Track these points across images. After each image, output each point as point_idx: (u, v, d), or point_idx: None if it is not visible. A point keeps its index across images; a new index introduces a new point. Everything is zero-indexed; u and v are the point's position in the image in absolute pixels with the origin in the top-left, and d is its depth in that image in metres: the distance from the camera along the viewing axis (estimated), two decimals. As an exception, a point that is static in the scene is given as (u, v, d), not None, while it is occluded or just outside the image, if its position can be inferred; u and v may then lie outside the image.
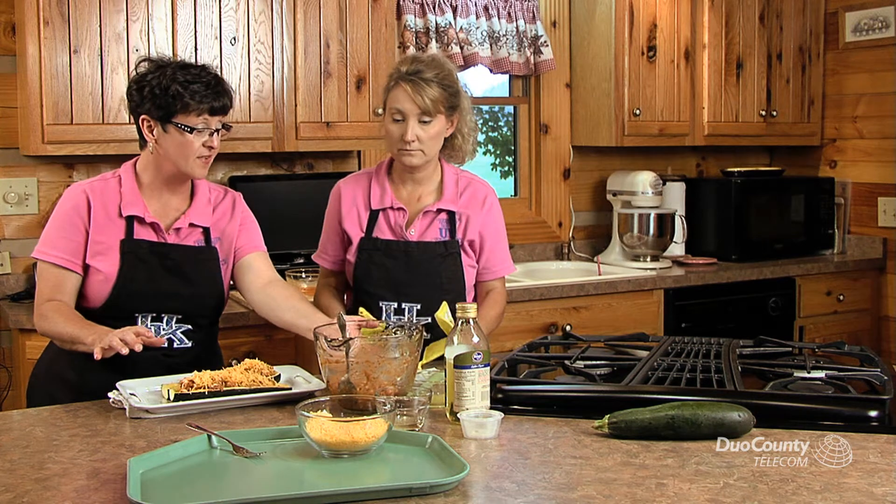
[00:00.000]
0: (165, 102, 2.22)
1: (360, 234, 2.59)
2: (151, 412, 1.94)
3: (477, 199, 2.62)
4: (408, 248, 2.55)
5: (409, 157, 2.51)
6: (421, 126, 2.49)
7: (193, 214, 2.36)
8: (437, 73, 2.48)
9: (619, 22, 4.13)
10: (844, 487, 1.52)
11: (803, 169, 4.84)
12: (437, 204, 2.58)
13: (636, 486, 1.52)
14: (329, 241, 2.69)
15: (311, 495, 1.48)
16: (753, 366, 2.17)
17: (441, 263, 2.56)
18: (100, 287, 2.26)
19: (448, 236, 2.58)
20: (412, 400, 1.88)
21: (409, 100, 2.47)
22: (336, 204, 2.67)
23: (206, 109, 2.25)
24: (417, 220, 2.57)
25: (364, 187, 2.63)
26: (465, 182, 2.63)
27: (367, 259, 2.57)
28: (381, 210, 2.59)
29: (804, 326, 4.27)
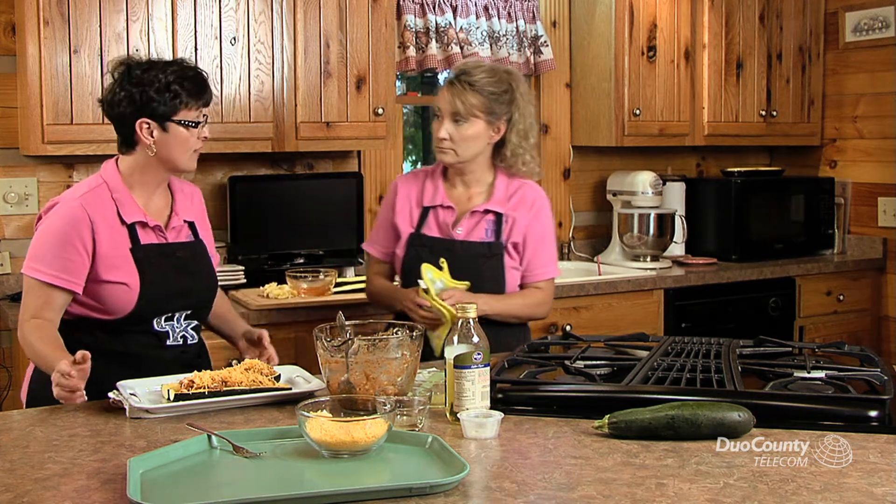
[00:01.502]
0: (167, 101, 2.22)
1: (409, 229, 2.70)
2: (151, 412, 1.94)
3: (525, 203, 2.68)
4: (453, 246, 2.64)
5: (442, 154, 2.63)
6: (455, 126, 2.59)
7: (182, 211, 2.38)
8: (484, 78, 2.58)
9: (619, 22, 4.13)
10: (844, 487, 1.52)
11: (803, 169, 4.84)
12: (484, 205, 2.66)
13: (636, 486, 1.52)
14: (381, 232, 2.79)
15: (311, 495, 1.48)
16: (753, 366, 2.17)
17: (484, 263, 2.63)
18: (124, 298, 2.24)
19: (493, 237, 2.65)
20: (412, 400, 1.88)
21: (446, 99, 2.59)
22: (391, 198, 2.77)
23: (202, 103, 2.28)
24: (465, 219, 2.66)
25: (419, 184, 2.74)
26: (517, 186, 2.70)
27: (415, 255, 2.65)
28: (432, 207, 2.69)
29: (804, 326, 4.27)
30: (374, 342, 1.97)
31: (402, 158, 4.20)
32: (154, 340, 2.30)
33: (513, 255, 2.67)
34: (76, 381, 1.95)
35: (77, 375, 1.95)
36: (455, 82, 2.59)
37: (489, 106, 2.60)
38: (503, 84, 2.63)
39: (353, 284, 3.46)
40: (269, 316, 3.22)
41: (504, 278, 2.65)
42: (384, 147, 3.74)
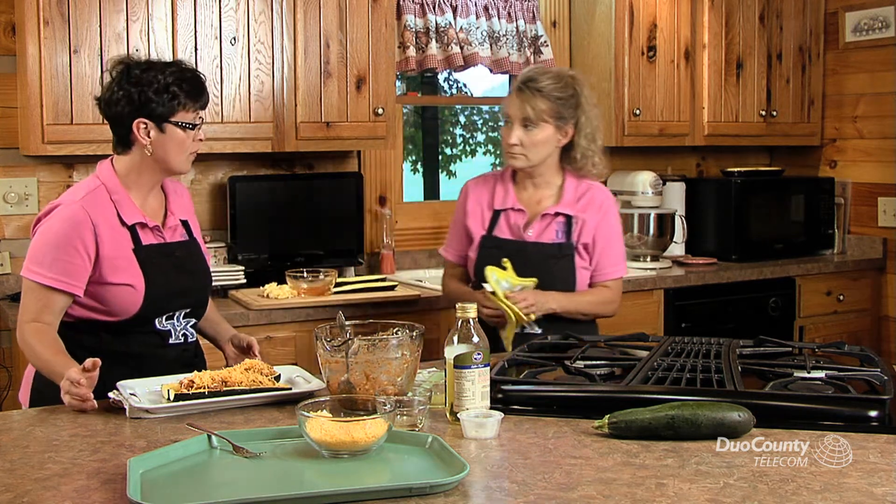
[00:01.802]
0: (164, 103, 2.22)
1: (481, 232, 2.78)
2: (151, 412, 1.94)
3: (594, 204, 2.76)
4: (524, 247, 2.72)
5: (513, 159, 2.70)
6: (525, 131, 2.67)
7: (177, 210, 2.39)
8: (550, 84, 2.64)
9: (619, 22, 4.13)
10: (844, 487, 1.52)
11: (803, 169, 4.84)
12: (555, 207, 2.74)
13: (636, 486, 1.52)
14: (455, 235, 2.89)
15: (311, 495, 1.48)
16: (753, 366, 2.17)
17: (555, 264, 2.71)
18: (130, 299, 2.24)
19: (564, 238, 2.73)
20: (412, 400, 1.88)
21: (515, 105, 2.66)
22: (463, 202, 2.86)
23: (200, 105, 2.28)
24: (536, 221, 2.75)
25: (489, 188, 2.82)
26: (585, 188, 2.78)
27: (486, 256, 2.72)
28: (503, 210, 2.77)
29: (804, 326, 4.27)
30: (374, 342, 1.97)
31: (402, 158, 4.20)
32: (157, 340, 2.31)
33: (583, 255, 2.74)
34: (86, 390, 1.95)
35: (86, 383, 1.95)
36: (524, 88, 2.66)
37: (557, 111, 2.66)
38: (569, 89, 2.69)
39: (353, 284, 3.46)
40: (269, 316, 3.22)
41: (574, 278, 2.73)
42: (384, 147, 3.74)
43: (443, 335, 3.31)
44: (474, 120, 4.93)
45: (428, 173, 4.74)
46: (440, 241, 4.17)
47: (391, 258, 3.94)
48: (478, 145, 4.90)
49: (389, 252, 3.94)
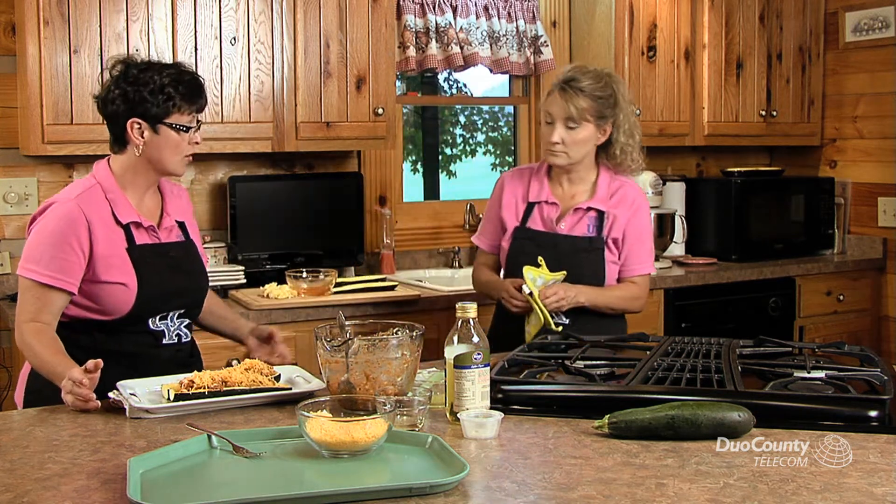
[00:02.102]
0: (159, 104, 2.22)
1: (515, 223, 2.85)
2: (151, 412, 1.94)
3: (626, 201, 2.82)
4: (556, 240, 2.79)
5: (555, 157, 2.76)
6: (567, 131, 2.72)
7: (173, 211, 2.39)
8: (591, 84, 2.70)
9: (619, 22, 4.13)
10: (844, 487, 1.52)
11: (803, 169, 4.84)
12: (588, 202, 2.80)
13: (636, 486, 1.52)
14: (489, 225, 2.94)
15: (311, 495, 1.48)
16: (753, 366, 2.17)
17: (585, 257, 2.77)
18: (122, 298, 2.24)
19: (595, 233, 2.80)
20: (412, 400, 1.88)
21: (558, 105, 2.71)
22: (498, 194, 2.92)
23: (196, 108, 2.28)
24: (568, 215, 2.81)
25: (525, 181, 2.88)
26: (618, 184, 2.84)
27: (519, 247, 2.81)
28: (537, 203, 2.83)
29: (804, 326, 4.27)
30: (374, 342, 1.97)
31: (402, 158, 4.20)
32: (151, 340, 2.30)
33: (612, 249, 2.80)
34: (88, 391, 1.95)
35: (88, 384, 1.95)
36: (566, 88, 2.71)
37: (598, 110, 2.72)
38: (608, 88, 2.74)
39: (353, 284, 3.46)
40: (269, 316, 3.22)
41: (604, 272, 2.79)
42: (384, 147, 3.74)
43: (443, 335, 3.32)
44: (474, 120, 4.93)
45: (428, 173, 4.74)
46: (440, 241, 4.18)
47: (391, 258, 3.94)
48: (478, 145, 4.89)
49: (389, 252, 3.94)
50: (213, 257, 3.57)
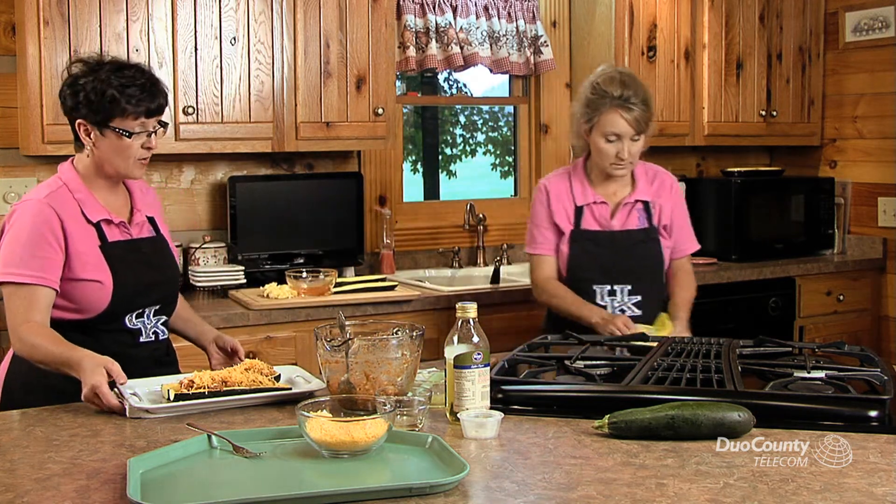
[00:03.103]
0: (102, 107, 2.19)
1: (569, 227, 2.94)
2: (151, 412, 1.94)
3: (665, 187, 3.00)
4: (613, 237, 2.92)
5: (621, 170, 2.89)
6: (633, 143, 2.85)
7: (142, 206, 2.39)
8: (642, 98, 2.83)
9: (619, 22, 4.13)
10: (844, 487, 1.52)
11: (803, 169, 4.84)
12: (633, 195, 2.94)
13: (636, 486, 1.52)
14: (544, 231, 2.98)
15: (311, 495, 1.48)
16: (753, 366, 2.17)
17: (643, 248, 2.92)
18: (98, 296, 2.23)
19: (646, 223, 2.95)
20: (412, 400, 1.88)
21: (625, 124, 2.82)
22: (545, 199, 2.99)
23: (143, 112, 2.22)
24: (618, 211, 2.93)
25: (566, 185, 2.97)
26: (653, 173, 3.02)
27: (580, 249, 2.92)
28: (586, 205, 2.93)
29: (804, 326, 4.27)
30: (374, 342, 1.97)
31: (402, 158, 4.20)
32: (129, 339, 2.29)
33: (665, 236, 2.97)
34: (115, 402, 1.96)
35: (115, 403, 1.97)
36: (630, 107, 2.80)
37: (650, 116, 2.86)
38: (647, 93, 2.88)
39: (353, 284, 3.46)
40: (269, 316, 3.22)
41: (662, 259, 2.96)
42: (384, 147, 3.74)
43: (443, 335, 3.31)
44: (474, 120, 4.93)
45: (428, 173, 4.74)
46: (440, 241, 4.18)
47: (391, 258, 3.94)
48: (478, 145, 4.89)
49: (389, 252, 3.94)
50: (213, 257, 3.57)
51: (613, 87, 2.82)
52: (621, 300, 2.89)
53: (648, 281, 2.93)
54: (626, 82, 2.83)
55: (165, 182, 3.63)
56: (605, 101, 2.82)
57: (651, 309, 2.90)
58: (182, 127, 3.31)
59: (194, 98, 3.33)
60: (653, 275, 2.94)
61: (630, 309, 2.89)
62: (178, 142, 3.32)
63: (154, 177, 3.60)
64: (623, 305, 2.90)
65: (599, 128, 2.85)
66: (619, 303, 2.90)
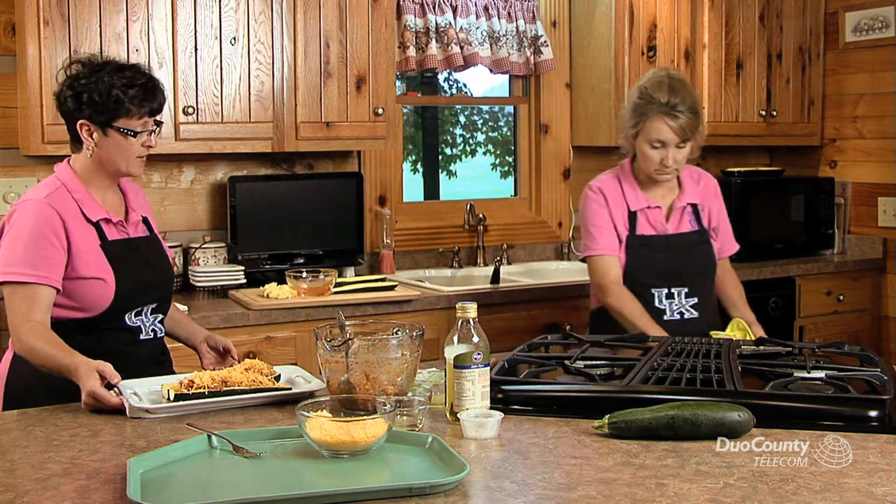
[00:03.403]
0: (107, 107, 2.21)
1: (626, 232, 2.93)
2: (151, 412, 1.94)
3: (710, 189, 3.03)
4: (669, 240, 2.93)
5: (667, 176, 2.90)
6: (678, 150, 2.84)
7: (137, 207, 2.40)
8: (690, 105, 2.81)
9: (619, 22, 4.13)
10: (844, 487, 1.52)
11: (803, 169, 4.84)
12: (683, 199, 2.96)
13: (636, 486, 1.52)
14: (609, 234, 2.93)
15: (311, 495, 1.48)
16: (753, 366, 2.17)
17: (698, 250, 2.95)
18: (101, 293, 2.24)
19: (697, 226, 2.97)
20: (412, 400, 1.88)
21: (671, 131, 2.80)
22: (604, 203, 2.95)
23: (147, 112, 2.26)
24: (671, 215, 2.95)
25: (619, 190, 2.96)
26: (697, 175, 3.04)
27: (636, 255, 2.91)
28: (639, 210, 2.93)
29: (804, 326, 4.27)
30: (374, 342, 1.97)
31: (402, 158, 4.20)
32: (129, 337, 2.30)
33: (715, 237, 3.01)
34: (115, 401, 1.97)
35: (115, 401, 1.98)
36: (676, 114, 2.78)
37: (698, 123, 2.85)
38: (695, 99, 2.84)
39: (353, 284, 3.46)
40: (269, 316, 3.22)
41: (714, 260, 2.99)
42: (384, 147, 3.74)
43: (443, 335, 3.32)
44: (474, 120, 4.93)
45: (428, 173, 4.74)
46: (440, 241, 4.18)
47: (391, 258, 3.94)
48: (478, 145, 4.89)
49: (389, 252, 3.94)
50: (213, 257, 3.57)
51: (661, 92, 2.80)
52: (679, 303, 2.89)
53: (704, 283, 2.95)
54: (674, 88, 2.81)
55: (165, 182, 3.63)
56: (651, 108, 2.81)
57: (707, 310, 2.93)
58: (182, 127, 3.31)
59: (194, 98, 3.33)
60: (707, 276, 2.97)
61: (688, 311, 2.89)
62: (178, 142, 3.32)
63: (154, 177, 3.60)
64: (682, 308, 2.89)
65: (645, 134, 2.83)
66: (678, 306, 2.89)
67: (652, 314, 2.84)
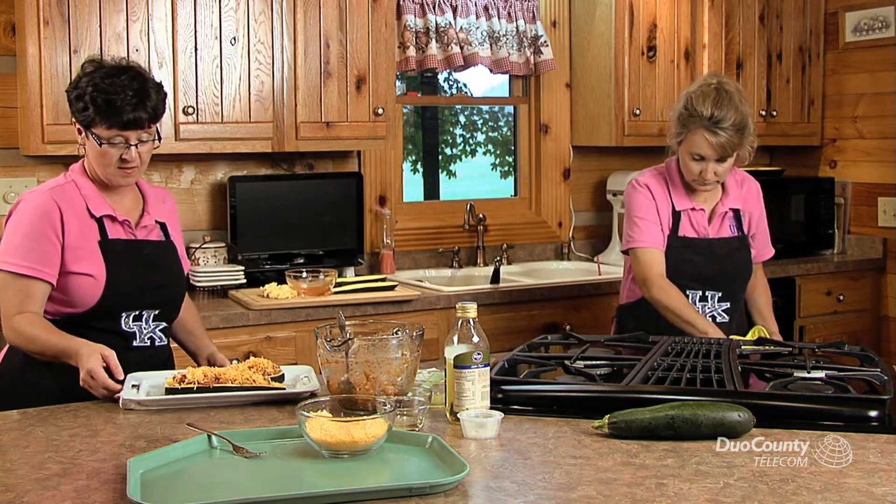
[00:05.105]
0: (79, 111, 2.21)
1: (667, 230, 2.89)
2: (143, 404, 1.96)
3: (752, 194, 2.99)
4: (711, 244, 2.89)
5: (705, 188, 2.86)
6: (717, 165, 2.79)
7: (154, 211, 2.39)
8: (735, 121, 2.74)
9: (619, 22, 4.13)
10: (844, 487, 1.52)
11: (803, 169, 4.84)
12: (726, 203, 2.92)
13: (636, 486, 1.53)
14: (654, 227, 2.89)
15: (311, 495, 1.48)
16: (753, 366, 2.17)
17: (738, 256, 2.91)
18: (90, 290, 2.23)
19: (738, 231, 2.93)
20: (412, 400, 1.88)
21: (711, 147, 2.75)
22: (651, 198, 2.91)
23: (116, 124, 2.19)
24: (714, 218, 2.91)
25: (665, 189, 2.93)
26: (741, 178, 2.99)
27: (676, 255, 2.87)
28: (683, 211, 2.90)
29: (804, 326, 4.27)
30: (374, 342, 1.97)
31: (402, 158, 4.20)
32: (121, 341, 2.26)
33: (753, 244, 2.97)
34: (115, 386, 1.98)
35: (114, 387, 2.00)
36: (716, 131, 2.73)
37: (741, 139, 2.77)
38: (743, 116, 2.76)
39: (353, 284, 3.46)
40: (269, 316, 3.22)
41: (752, 266, 2.96)
42: (384, 147, 3.74)
43: (443, 335, 3.32)
44: (474, 120, 4.92)
45: (428, 173, 4.73)
46: (440, 241, 4.18)
47: (391, 258, 3.94)
48: (478, 145, 4.89)
49: (389, 252, 3.94)
50: (213, 257, 3.57)
51: (705, 106, 2.74)
52: (712, 307, 2.87)
53: (738, 288, 2.93)
54: (720, 102, 2.74)
55: (165, 182, 3.63)
56: (693, 120, 2.76)
57: (737, 314, 2.93)
58: (182, 127, 3.31)
59: (194, 98, 3.33)
60: (742, 282, 2.95)
61: (720, 315, 2.87)
62: (178, 142, 3.32)
63: (154, 177, 3.60)
64: (713, 311, 2.87)
65: (686, 145, 2.80)
66: (710, 308, 2.87)
67: None
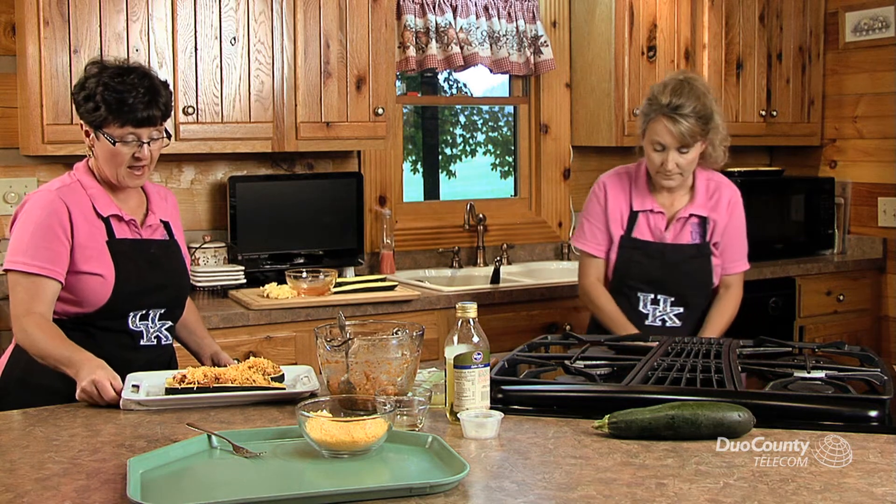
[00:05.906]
0: (90, 111, 2.21)
1: (620, 232, 2.88)
2: (142, 404, 1.96)
3: (723, 202, 2.91)
4: (664, 249, 2.86)
5: (669, 181, 2.81)
6: (680, 155, 2.76)
7: (158, 210, 2.39)
8: (694, 107, 2.71)
9: (619, 22, 4.13)
10: (844, 487, 1.52)
11: (803, 169, 4.84)
12: (689, 208, 2.87)
13: (636, 486, 1.53)
14: (597, 231, 2.92)
15: (311, 495, 1.48)
16: (753, 366, 2.17)
17: (693, 264, 2.87)
18: (99, 290, 2.24)
19: (699, 239, 2.88)
20: (412, 400, 1.88)
21: (669, 134, 2.73)
22: (603, 199, 2.92)
23: (131, 121, 2.20)
24: (673, 223, 2.87)
25: (626, 187, 2.90)
26: (714, 185, 2.92)
27: (627, 258, 2.86)
28: (642, 212, 2.87)
29: (804, 326, 4.27)
30: (374, 342, 1.97)
31: (402, 158, 4.20)
32: (128, 340, 2.29)
33: (716, 253, 2.91)
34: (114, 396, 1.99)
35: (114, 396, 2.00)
36: (675, 117, 2.71)
37: (703, 127, 2.75)
38: (704, 104, 2.74)
39: (353, 284, 3.46)
40: (269, 316, 3.22)
41: (711, 276, 2.90)
42: (384, 147, 3.74)
43: (443, 335, 3.33)
44: (474, 120, 4.93)
45: (428, 173, 4.74)
46: (440, 241, 4.18)
47: (391, 258, 3.94)
48: (478, 145, 4.89)
49: (389, 252, 3.94)
50: (213, 257, 3.57)
51: (664, 94, 2.75)
52: (664, 310, 2.86)
53: (694, 295, 2.89)
54: (679, 90, 2.74)
55: (165, 182, 3.63)
56: (654, 109, 2.76)
57: (692, 321, 2.90)
58: (182, 127, 3.31)
59: (194, 98, 3.33)
60: (699, 290, 2.90)
61: (671, 319, 2.87)
62: (178, 142, 3.32)
63: (154, 177, 3.60)
64: (664, 315, 2.87)
65: (647, 135, 2.79)
66: (661, 312, 2.87)
67: (634, 317, 2.85)
